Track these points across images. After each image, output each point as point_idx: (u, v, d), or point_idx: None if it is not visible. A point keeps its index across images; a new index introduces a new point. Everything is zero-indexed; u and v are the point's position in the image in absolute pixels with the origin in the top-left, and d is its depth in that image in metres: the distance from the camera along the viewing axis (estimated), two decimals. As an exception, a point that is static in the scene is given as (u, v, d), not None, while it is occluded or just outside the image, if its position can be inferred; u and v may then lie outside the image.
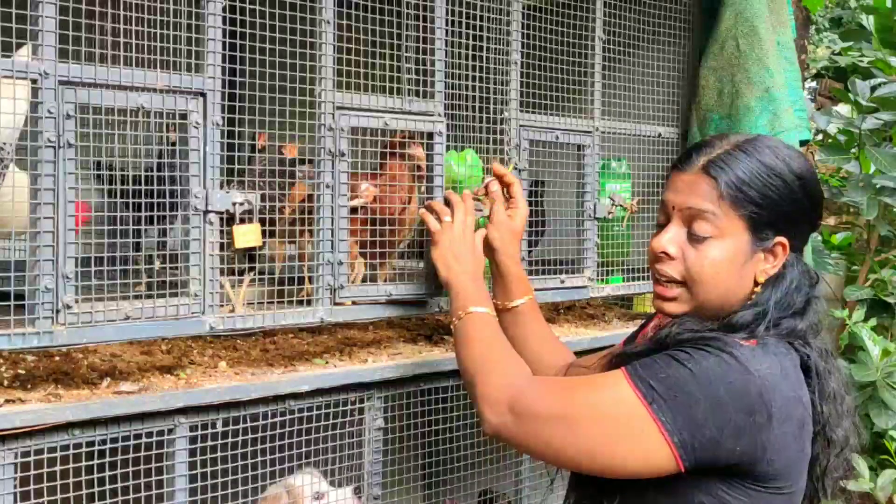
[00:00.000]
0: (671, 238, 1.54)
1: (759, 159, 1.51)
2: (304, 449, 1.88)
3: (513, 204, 1.99)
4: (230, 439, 1.75)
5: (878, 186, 4.21)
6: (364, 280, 2.04)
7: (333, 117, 1.90)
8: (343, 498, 1.93)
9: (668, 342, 1.47)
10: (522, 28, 2.28)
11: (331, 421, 1.90)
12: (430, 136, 2.06)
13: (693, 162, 1.54)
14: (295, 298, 1.94)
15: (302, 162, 1.90)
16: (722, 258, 1.50)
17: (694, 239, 1.52)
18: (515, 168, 2.26)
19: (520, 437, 1.49)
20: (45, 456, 1.53)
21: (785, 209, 1.51)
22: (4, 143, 1.53)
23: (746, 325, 1.49)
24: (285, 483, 1.91)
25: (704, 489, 1.42)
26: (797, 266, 1.54)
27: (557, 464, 1.54)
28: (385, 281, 2.06)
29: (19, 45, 1.50)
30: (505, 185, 2.01)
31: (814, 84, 7.13)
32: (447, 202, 1.96)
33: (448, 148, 2.15)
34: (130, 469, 1.60)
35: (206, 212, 1.72)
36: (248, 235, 1.81)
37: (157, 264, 1.95)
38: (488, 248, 1.95)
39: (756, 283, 1.53)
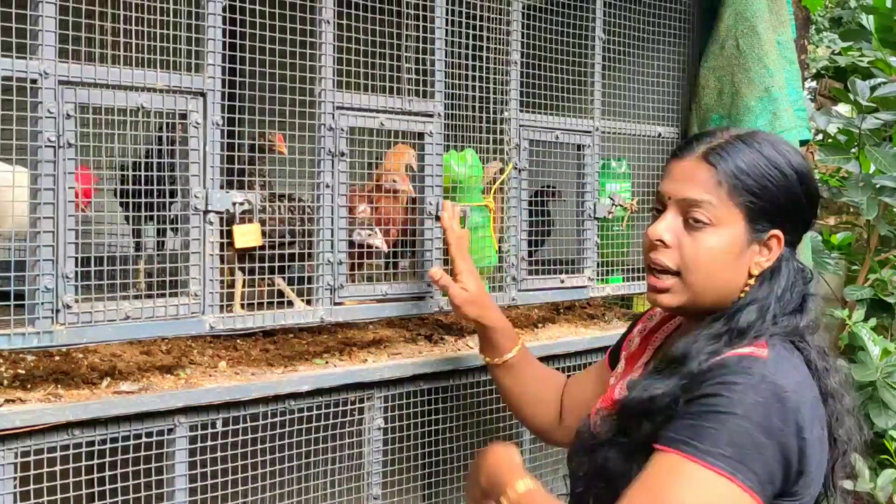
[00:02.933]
0: (667, 226, 1.52)
1: (759, 150, 1.50)
2: (304, 449, 1.88)
3: (459, 277, 1.92)
4: (230, 439, 1.75)
5: (878, 186, 4.21)
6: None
7: (333, 117, 1.90)
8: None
9: (691, 377, 1.41)
10: (522, 28, 2.28)
11: (331, 421, 1.91)
12: (421, 136, 2.07)
13: (693, 149, 1.53)
14: (299, 298, 1.94)
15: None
16: (718, 247, 1.49)
17: (690, 227, 1.50)
18: (515, 168, 2.26)
19: None
20: (45, 456, 1.53)
21: (782, 202, 1.50)
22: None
23: (752, 324, 1.47)
24: None
25: None
26: (791, 262, 1.53)
27: None
28: (371, 281, 2.07)
29: (19, 46, 1.50)
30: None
31: (814, 84, 7.13)
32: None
33: (448, 148, 2.15)
34: (130, 469, 1.60)
35: (206, 212, 1.72)
36: (248, 235, 1.81)
37: (156, 264, 1.95)
38: (467, 319, 1.94)
39: (750, 276, 1.52)
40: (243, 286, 1.86)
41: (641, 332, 1.77)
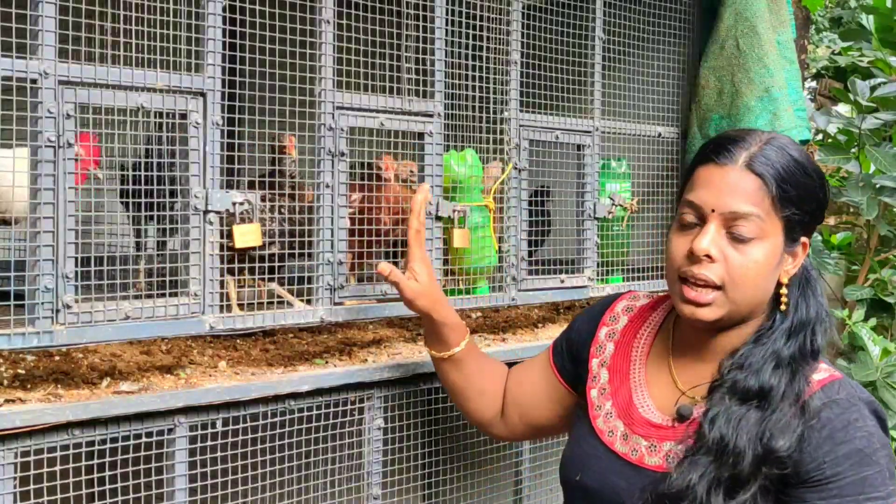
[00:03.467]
0: (712, 240, 1.47)
1: (794, 158, 1.48)
2: (304, 449, 1.88)
3: (411, 265, 1.83)
4: (230, 439, 1.75)
5: (877, 186, 4.21)
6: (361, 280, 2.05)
7: (333, 117, 1.90)
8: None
9: (806, 425, 1.42)
10: (522, 28, 2.28)
11: (331, 421, 1.90)
12: (421, 136, 2.06)
13: (733, 156, 1.48)
14: (298, 298, 1.94)
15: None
16: (764, 260, 1.47)
17: (737, 240, 1.46)
18: (515, 168, 2.26)
19: None
20: (45, 456, 1.53)
21: (813, 208, 1.50)
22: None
23: (822, 347, 1.49)
24: None
25: None
26: (812, 266, 1.55)
27: None
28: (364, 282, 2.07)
29: (19, 46, 1.50)
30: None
31: (814, 84, 7.13)
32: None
33: (448, 148, 2.15)
34: (130, 469, 1.60)
35: (205, 212, 1.72)
36: (248, 235, 1.81)
37: (156, 263, 1.95)
38: (418, 312, 1.85)
39: (780, 285, 1.51)
40: (241, 286, 1.86)
41: (611, 337, 1.71)
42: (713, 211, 1.47)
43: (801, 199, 1.48)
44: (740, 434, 1.42)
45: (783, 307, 1.51)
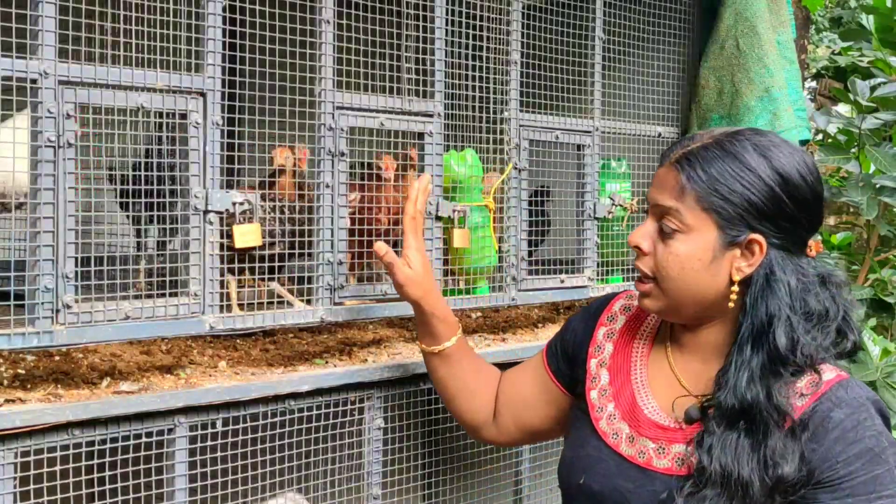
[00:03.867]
0: (644, 232, 1.54)
1: (735, 153, 1.47)
2: (303, 449, 1.88)
3: (406, 252, 1.83)
4: (230, 439, 1.75)
5: (877, 186, 4.21)
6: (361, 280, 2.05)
7: (333, 117, 1.90)
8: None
9: (813, 438, 1.43)
10: (522, 28, 2.28)
11: (331, 421, 1.90)
12: (421, 136, 2.07)
13: (669, 154, 1.54)
14: (299, 298, 1.94)
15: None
16: (687, 253, 1.48)
17: (663, 234, 1.51)
18: (515, 168, 2.26)
19: None
20: (45, 456, 1.53)
21: (759, 206, 1.46)
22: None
23: (793, 349, 1.46)
24: None
25: None
26: (791, 266, 1.48)
27: None
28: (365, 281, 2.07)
29: (19, 46, 1.50)
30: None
31: (814, 84, 7.14)
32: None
33: (448, 148, 2.15)
34: (130, 469, 1.60)
35: (205, 212, 1.72)
36: (248, 235, 1.81)
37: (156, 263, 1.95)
38: (409, 299, 1.84)
39: (732, 283, 1.49)
40: (241, 286, 1.86)
41: (610, 337, 1.71)
42: (653, 206, 1.54)
43: (733, 193, 1.46)
44: (740, 463, 1.42)
45: (730, 304, 1.50)
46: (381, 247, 1.82)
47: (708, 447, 1.44)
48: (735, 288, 1.49)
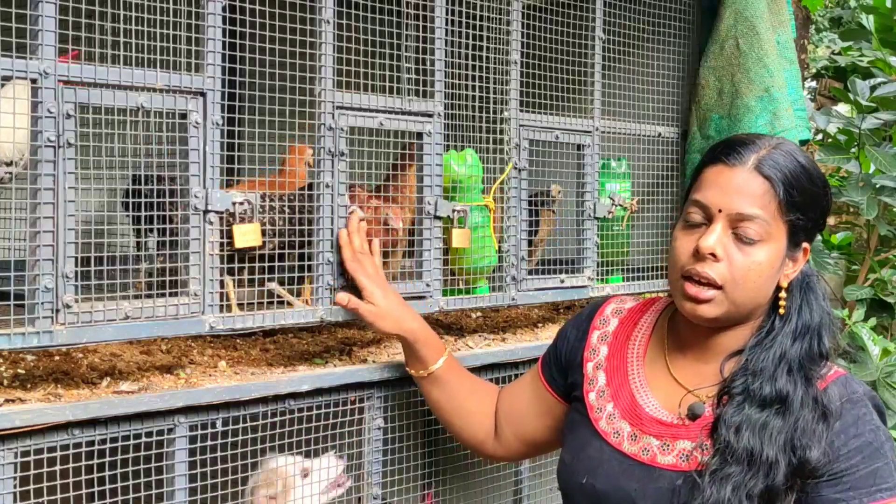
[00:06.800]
0: (718, 239, 1.48)
1: (799, 162, 1.49)
2: (304, 449, 1.88)
3: (363, 294, 1.85)
4: (230, 439, 1.75)
5: (877, 186, 4.21)
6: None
7: (333, 117, 1.90)
8: (328, 465, 1.92)
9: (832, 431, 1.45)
10: (522, 28, 2.28)
11: (331, 421, 1.90)
12: (420, 136, 2.06)
13: (742, 158, 1.49)
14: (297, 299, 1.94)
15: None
16: (768, 262, 1.49)
17: (740, 241, 1.48)
18: (515, 167, 2.26)
19: None
20: (45, 455, 1.53)
21: (816, 215, 1.52)
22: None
23: (829, 350, 1.52)
24: (268, 469, 1.89)
25: None
26: (810, 269, 1.57)
27: None
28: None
29: (19, 46, 1.50)
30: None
31: (814, 84, 7.14)
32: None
33: (448, 148, 2.15)
34: (130, 469, 1.60)
35: (205, 211, 1.72)
36: (248, 235, 1.81)
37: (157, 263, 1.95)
38: (387, 334, 1.87)
39: (779, 288, 1.53)
40: (240, 286, 1.85)
41: (604, 340, 1.72)
42: (720, 211, 1.49)
43: (806, 204, 1.50)
44: (769, 443, 1.43)
45: (781, 310, 1.53)
46: (342, 298, 1.84)
47: (737, 427, 1.45)
48: (784, 294, 1.53)
